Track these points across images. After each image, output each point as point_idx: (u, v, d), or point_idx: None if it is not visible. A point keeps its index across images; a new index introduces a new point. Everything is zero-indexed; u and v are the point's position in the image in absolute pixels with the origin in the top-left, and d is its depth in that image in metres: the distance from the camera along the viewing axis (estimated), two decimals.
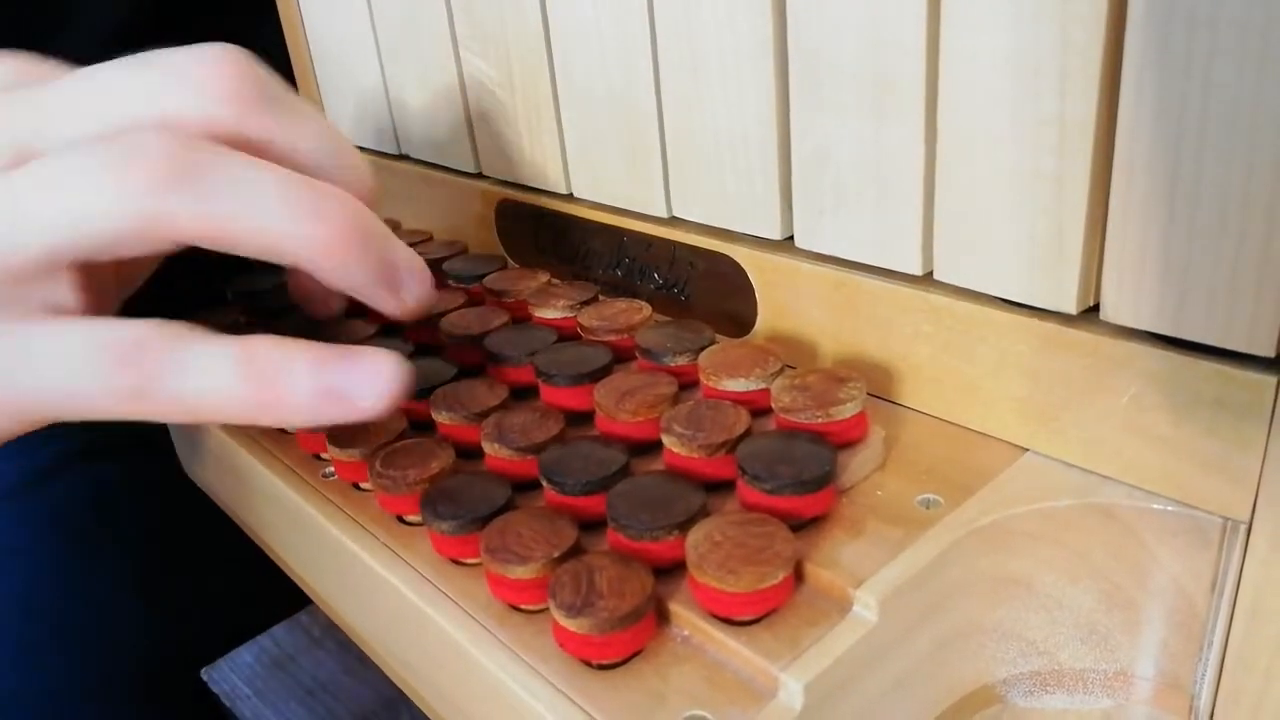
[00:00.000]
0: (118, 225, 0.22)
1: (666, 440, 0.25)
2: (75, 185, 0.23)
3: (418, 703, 0.28)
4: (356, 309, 0.31)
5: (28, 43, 0.30)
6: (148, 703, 0.53)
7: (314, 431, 0.30)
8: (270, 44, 0.50)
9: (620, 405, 0.26)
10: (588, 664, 0.21)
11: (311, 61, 0.48)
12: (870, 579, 0.21)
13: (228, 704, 0.48)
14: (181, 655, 0.51)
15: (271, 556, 0.36)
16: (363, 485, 0.29)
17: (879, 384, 0.28)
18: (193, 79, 0.24)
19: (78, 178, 0.23)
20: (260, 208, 0.23)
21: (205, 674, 0.50)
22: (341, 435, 0.28)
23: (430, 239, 0.42)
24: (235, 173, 0.23)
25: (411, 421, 0.29)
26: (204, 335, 0.23)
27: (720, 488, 0.24)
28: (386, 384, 0.23)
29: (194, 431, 0.37)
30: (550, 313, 0.33)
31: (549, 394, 0.29)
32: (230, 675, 0.50)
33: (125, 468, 0.52)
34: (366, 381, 0.23)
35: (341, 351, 0.23)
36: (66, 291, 0.24)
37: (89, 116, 0.24)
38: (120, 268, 0.28)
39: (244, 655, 0.51)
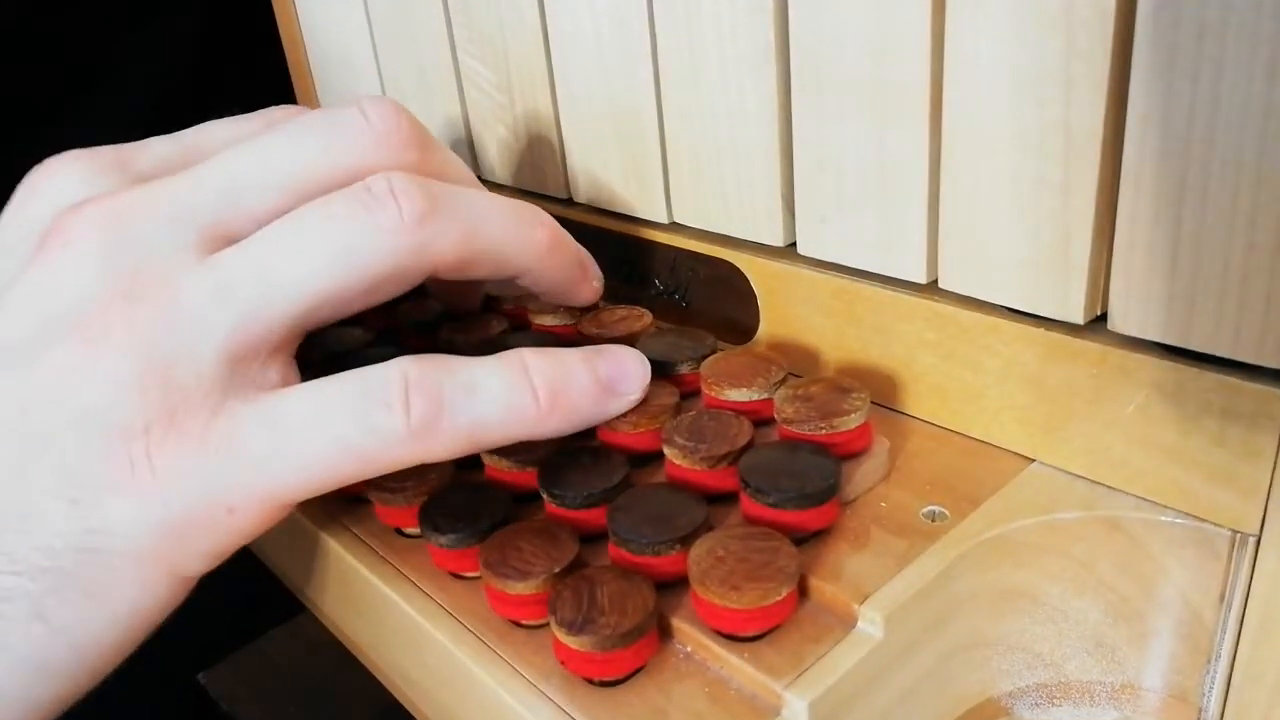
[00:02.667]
0: (397, 262, 0.23)
1: (668, 452, 0.25)
2: (333, 233, 0.23)
3: (416, 716, 0.28)
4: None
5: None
6: (145, 706, 0.52)
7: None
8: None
9: (621, 415, 0.26)
10: (589, 681, 0.21)
11: (309, 65, 0.48)
12: (875, 594, 0.21)
13: (225, 708, 0.48)
14: (179, 659, 0.51)
15: (268, 565, 0.36)
16: (362, 497, 0.28)
17: (882, 393, 0.28)
18: (370, 131, 0.25)
19: (332, 226, 0.23)
20: (494, 226, 0.25)
21: (203, 678, 0.50)
22: None
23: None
24: (467, 199, 0.25)
25: None
26: (462, 359, 0.23)
27: (723, 500, 0.24)
28: (642, 372, 0.25)
29: None
30: (550, 320, 0.32)
31: None
32: (228, 679, 0.50)
33: None
34: (628, 371, 0.25)
35: (597, 349, 0.25)
36: (280, 369, 0.24)
37: (280, 185, 0.24)
38: None
39: (241, 659, 0.51)
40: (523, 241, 0.26)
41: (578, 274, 0.28)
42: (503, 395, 0.23)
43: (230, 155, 0.24)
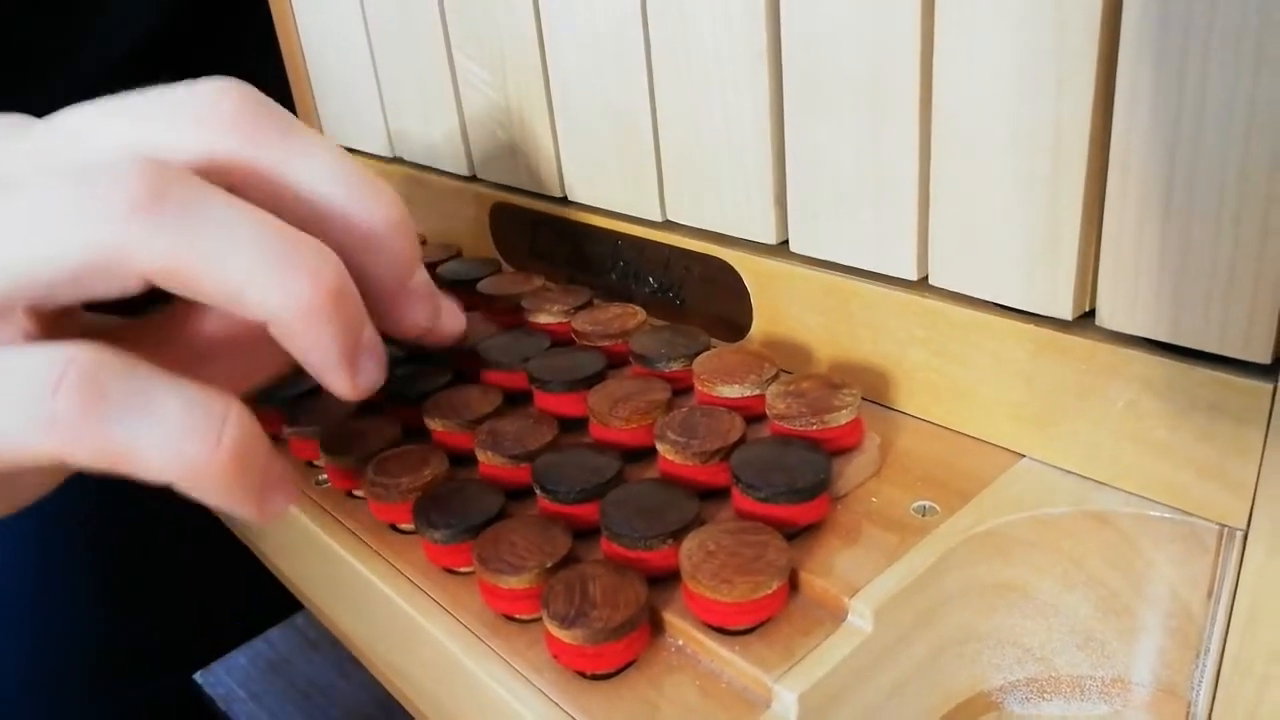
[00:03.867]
0: (82, 256, 0.20)
1: (660, 447, 0.25)
2: (43, 213, 0.20)
3: (411, 711, 0.28)
4: None
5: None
6: (142, 704, 0.52)
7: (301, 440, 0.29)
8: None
9: (614, 412, 0.26)
10: (581, 674, 0.21)
11: (306, 65, 0.48)
12: (865, 588, 0.21)
13: (222, 707, 0.48)
14: (176, 658, 0.51)
15: (265, 563, 0.36)
16: (356, 493, 0.29)
17: (874, 389, 0.28)
18: (188, 109, 0.22)
19: (47, 205, 0.20)
20: (237, 252, 0.20)
21: (200, 677, 0.50)
22: (334, 442, 0.28)
23: (424, 243, 0.42)
24: (212, 210, 0.20)
25: (405, 428, 0.29)
26: (161, 375, 0.20)
27: (714, 495, 0.24)
28: (291, 493, 0.22)
29: None
30: (544, 317, 0.33)
31: (542, 400, 0.29)
32: (225, 678, 0.50)
33: None
34: (285, 480, 0.22)
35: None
36: (13, 334, 0.21)
37: (71, 149, 0.22)
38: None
39: (238, 658, 0.51)
40: (273, 287, 0.21)
41: (338, 359, 0.22)
42: (176, 428, 0.19)
43: (61, 114, 0.22)
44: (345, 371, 0.23)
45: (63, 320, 0.23)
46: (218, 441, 0.20)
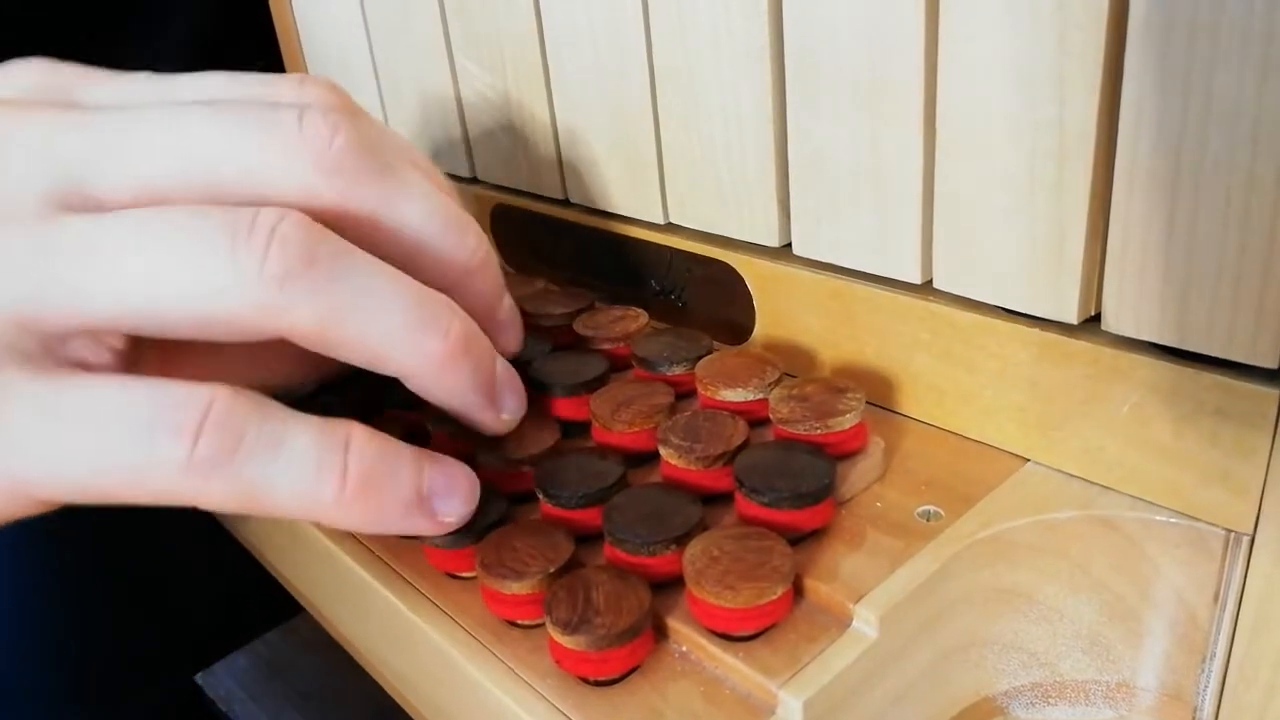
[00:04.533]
0: (233, 310, 0.20)
1: (663, 452, 0.25)
2: (182, 253, 0.20)
3: (413, 716, 0.28)
4: None
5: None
6: (142, 706, 0.52)
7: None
8: None
9: (616, 415, 0.26)
10: (584, 680, 0.21)
11: (306, 66, 0.48)
12: (870, 594, 0.21)
13: (223, 708, 0.48)
14: (176, 659, 0.51)
15: (265, 565, 0.36)
16: None
17: (878, 393, 0.28)
18: (296, 146, 0.22)
19: (186, 244, 0.20)
20: (377, 316, 0.21)
21: (200, 678, 0.50)
22: None
23: None
24: (358, 273, 0.21)
25: (406, 432, 0.29)
26: (282, 411, 0.20)
27: (718, 500, 0.24)
28: (470, 498, 0.23)
29: None
30: (546, 320, 0.32)
31: (544, 404, 0.29)
32: (225, 680, 0.50)
33: None
34: (456, 492, 0.23)
35: (436, 456, 0.23)
36: (91, 348, 0.21)
37: (170, 166, 0.21)
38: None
39: (239, 660, 0.51)
40: (410, 347, 0.22)
41: (478, 400, 0.24)
42: (307, 466, 0.20)
43: (142, 115, 0.22)
44: (487, 409, 0.24)
45: None
46: (344, 473, 0.20)
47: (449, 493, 0.23)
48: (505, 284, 0.27)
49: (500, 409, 0.25)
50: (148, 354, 0.23)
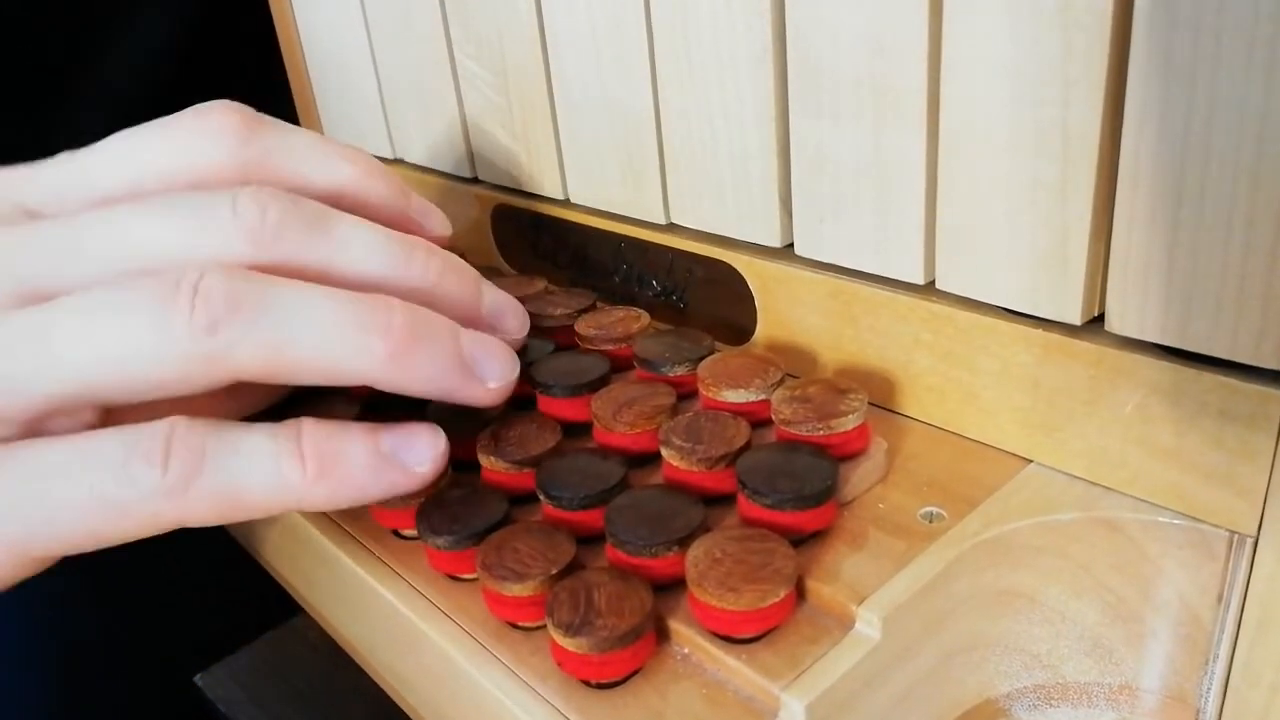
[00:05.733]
0: (178, 368, 0.22)
1: (665, 453, 0.25)
2: (119, 323, 0.21)
3: (413, 717, 0.28)
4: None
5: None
6: (142, 708, 0.52)
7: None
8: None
9: (618, 417, 0.26)
10: (586, 683, 0.21)
11: (306, 66, 0.48)
12: (873, 595, 0.21)
13: (222, 709, 0.48)
14: (176, 661, 0.51)
15: (264, 566, 0.35)
16: None
17: (880, 393, 0.28)
18: (235, 222, 0.23)
19: (122, 315, 0.21)
20: (315, 334, 0.22)
21: (200, 679, 0.50)
22: None
23: None
24: (286, 301, 0.22)
25: None
26: (236, 424, 0.22)
27: (720, 501, 0.24)
28: (433, 445, 0.24)
29: None
30: (547, 321, 0.32)
31: (546, 405, 0.28)
32: (225, 680, 0.50)
33: None
34: (416, 444, 0.23)
35: (383, 424, 0.24)
36: (84, 420, 0.23)
37: (117, 260, 0.23)
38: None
39: (239, 660, 0.51)
40: (356, 352, 0.23)
41: (452, 379, 0.24)
42: (267, 460, 0.22)
43: (84, 224, 0.24)
44: (467, 385, 0.24)
45: None
46: (302, 456, 0.22)
47: (409, 444, 0.23)
48: (481, 275, 0.28)
49: (484, 379, 0.25)
50: (124, 413, 0.24)
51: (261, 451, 0.22)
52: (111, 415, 0.24)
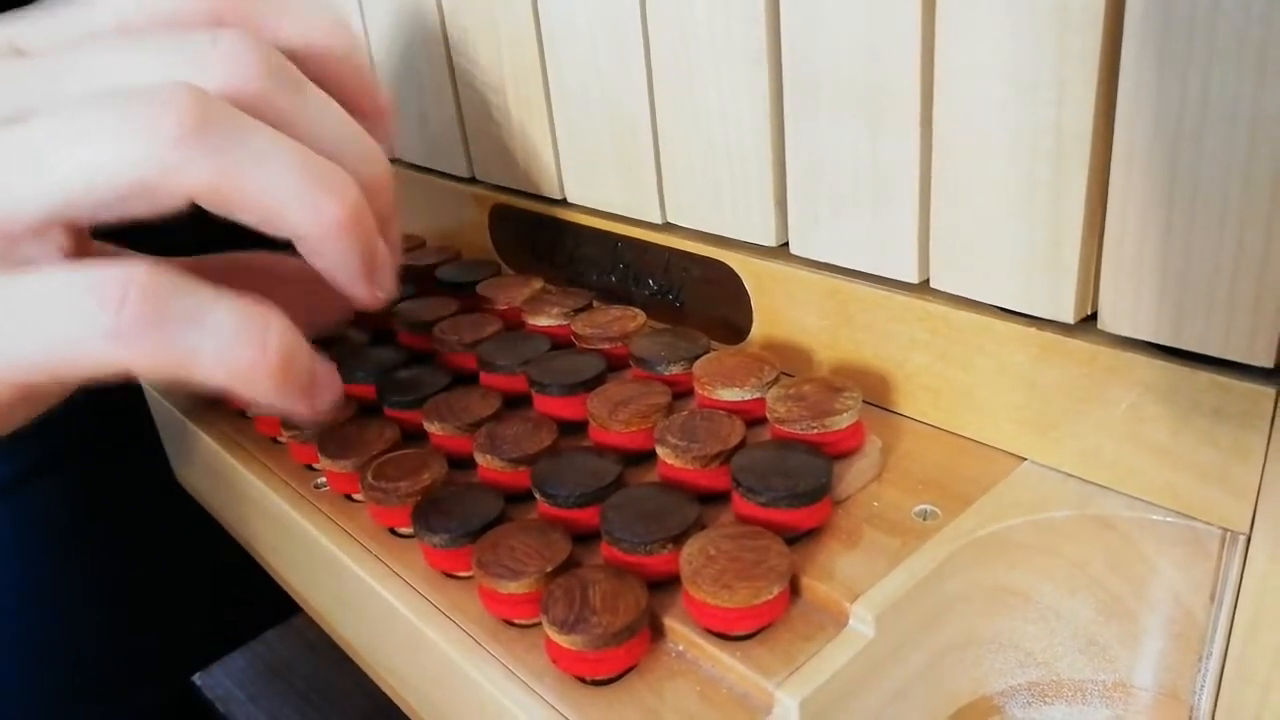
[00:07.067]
0: (132, 174, 0.21)
1: (660, 451, 0.25)
2: (92, 133, 0.21)
3: (410, 715, 0.28)
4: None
5: None
6: (141, 707, 0.52)
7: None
8: None
9: (613, 415, 0.26)
10: (581, 680, 0.21)
11: None
12: (867, 593, 0.21)
13: (221, 708, 0.48)
14: (174, 660, 0.51)
15: (263, 565, 0.36)
16: (355, 496, 0.28)
17: (875, 392, 0.28)
18: (215, 56, 0.23)
19: (96, 126, 0.22)
20: (275, 174, 0.23)
21: (199, 679, 0.50)
22: (333, 446, 0.28)
23: (423, 244, 0.42)
24: (255, 136, 0.23)
25: (403, 431, 0.29)
26: (204, 288, 0.22)
27: (715, 499, 0.24)
28: (334, 390, 0.24)
29: (185, 436, 0.37)
30: (544, 320, 0.32)
31: (542, 403, 0.29)
32: (224, 680, 0.50)
33: (118, 468, 0.52)
34: (330, 385, 0.24)
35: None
36: (42, 250, 0.23)
37: (103, 81, 0.23)
38: None
39: (237, 660, 0.51)
40: (307, 206, 0.23)
41: (362, 271, 0.25)
42: (229, 336, 0.21)
43: (72, 54, 0.24)
44: (366, 283, 0.25)
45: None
46: (264, 345, 0.22)
47: (331, 388, 0.24)
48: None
49: (377, 286, 0.26)
50: None
51: (226, 325, 0.21)
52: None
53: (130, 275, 0.21)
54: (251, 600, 0.46)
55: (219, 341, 0.21)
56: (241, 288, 0.23)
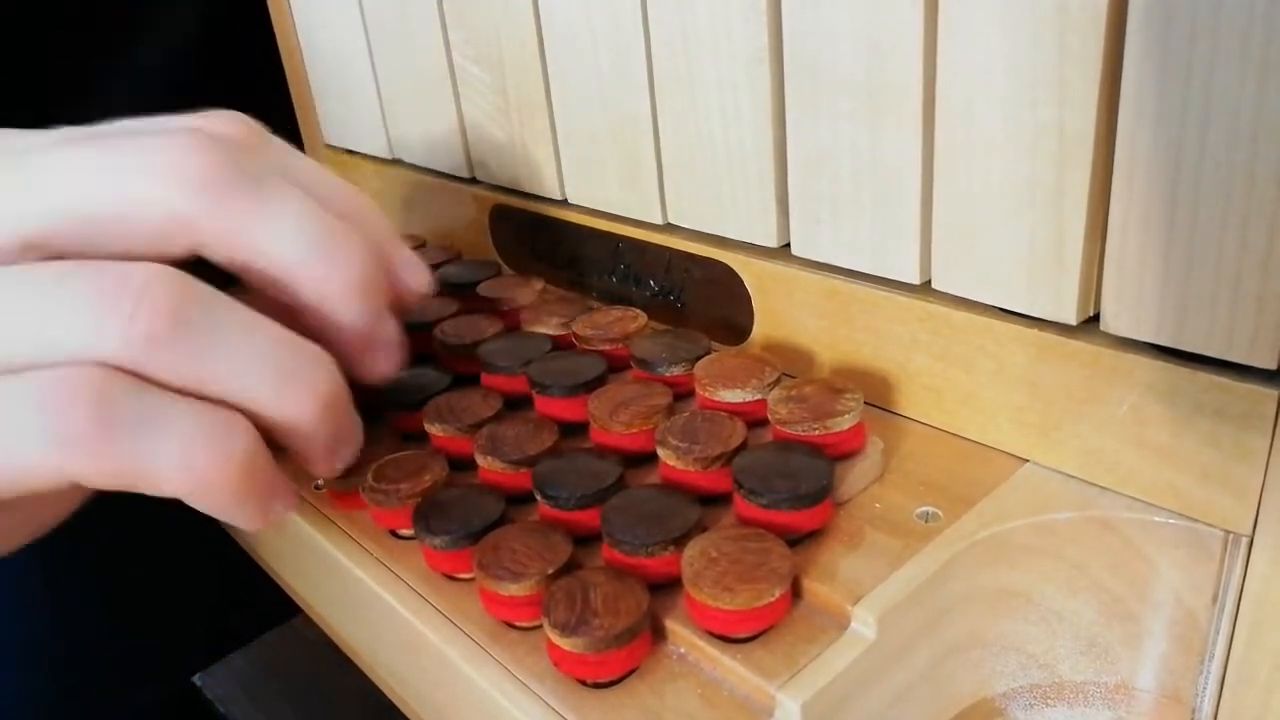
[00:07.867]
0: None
1: (662, 453, 0.25)
2: (54, 311, 0.20)
3: (410, 717, 0.28)
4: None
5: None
6: (141, 707, 0.52)
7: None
8: None
9: (614, 416, 0.26)
10: (582, 682, 0.21)
11: (305, 67, 0.48)
12: (868, 595, 0.21)
13: (221, 709, 0.48)
14: (175, 660, 0.51)
15: (263, 566, 0.36)
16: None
17: (876, 393, 0.28)
18: (155, 167, 0.22)
19: (56, 302, 0.20)
20: (248, 376, 0.21)
21: (199, 679, 0.50)
22: None
23: (424, 245, 0.42)
24: (224, 335, 0.21)
25: (404, 433, 0.29)
26: (161, 394, 0.20)
27: (716, 501, 0.24)
28: (290, 499, 0.23)
29: None
30: (543, 327, 0.32)
31: (543, 405, 0.29)
32: (224, 680, 0.50)
33: None
34: (286, 490, 0.22)
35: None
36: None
37: (38, 198, 0.21)
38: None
39: (237, 660, 0.51)
40: (276, 402, 0.22)
41: (321, 451, 0.23)
42: (188, 444, 0.20)
43: (39, 158, 0.22)
44: (326, 460, 0.23)
45: None
46: (228, 456, 0.20)
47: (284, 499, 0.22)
48: (390, 301, 0.26)
49: (335, 460, 0.24)
50: None
51: (184, 435, 0.20)
52: None
53: (82, 375, 0.19)
54: (252, 601, 0.46)
55: (176, 449, 0.20)
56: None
